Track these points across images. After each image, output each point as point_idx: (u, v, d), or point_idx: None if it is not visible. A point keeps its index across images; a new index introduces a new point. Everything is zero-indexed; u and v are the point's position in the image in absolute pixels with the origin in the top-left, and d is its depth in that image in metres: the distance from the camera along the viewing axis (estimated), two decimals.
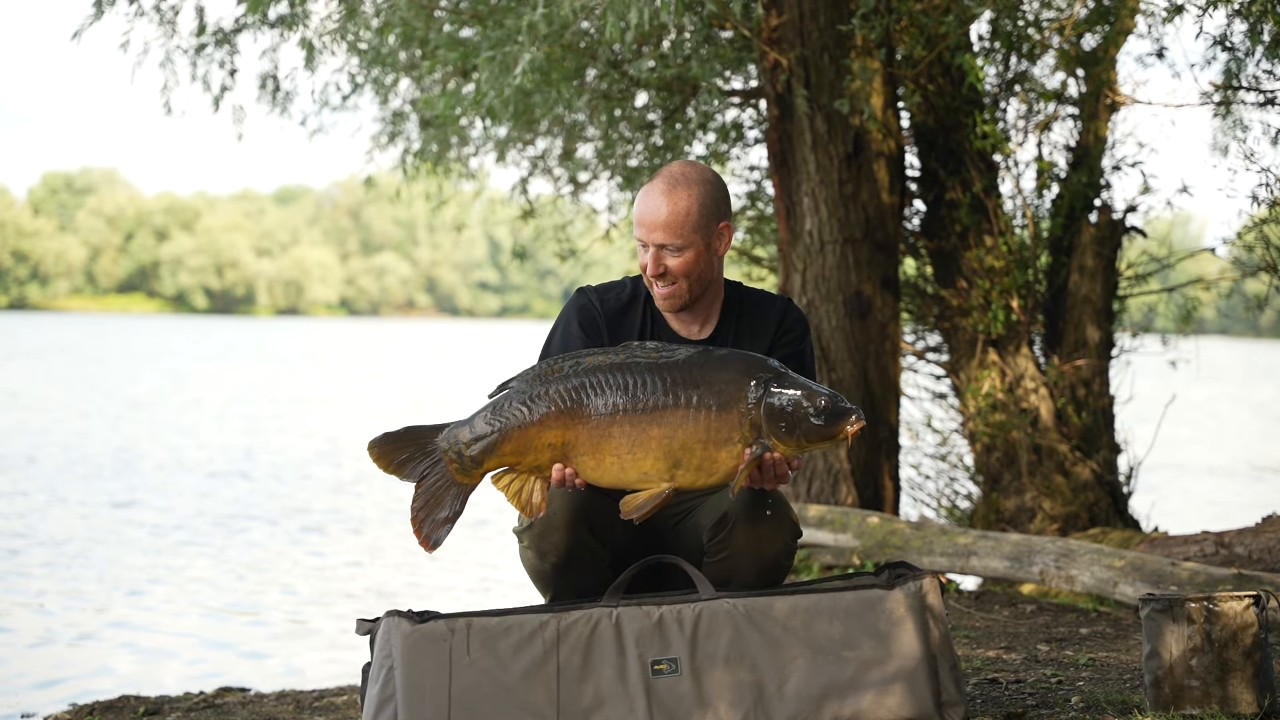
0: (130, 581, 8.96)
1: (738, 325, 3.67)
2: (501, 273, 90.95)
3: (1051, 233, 7.33)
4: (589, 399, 3.26)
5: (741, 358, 3.33)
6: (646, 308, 3.67)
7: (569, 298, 3.73)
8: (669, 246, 3.55)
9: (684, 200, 3.55)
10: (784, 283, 7.25)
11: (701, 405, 3.25)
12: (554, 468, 3.29)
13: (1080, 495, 7.07)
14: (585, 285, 3.71)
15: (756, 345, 3.64)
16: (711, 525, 3.50)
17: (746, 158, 8.74)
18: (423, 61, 7.45)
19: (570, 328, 3.63)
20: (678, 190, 3.56)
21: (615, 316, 3.65)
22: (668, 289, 3.58)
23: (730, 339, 3.65)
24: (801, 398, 3.25)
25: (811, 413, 3.24)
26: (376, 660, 3.31)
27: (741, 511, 3.43)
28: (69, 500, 12.53)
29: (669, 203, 3.55)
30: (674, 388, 3.26)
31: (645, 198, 3.58)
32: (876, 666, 3.30)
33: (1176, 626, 3.53)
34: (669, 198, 3.56)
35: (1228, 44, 6.13)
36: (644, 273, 3.60)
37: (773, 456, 3.27)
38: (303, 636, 7.62)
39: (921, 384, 7.91)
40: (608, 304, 3.66)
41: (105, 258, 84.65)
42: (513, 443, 3.29)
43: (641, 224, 3.57)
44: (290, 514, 12.27)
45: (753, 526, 3.44)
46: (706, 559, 3.51)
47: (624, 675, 3.27)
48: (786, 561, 3.53)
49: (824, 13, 6.95)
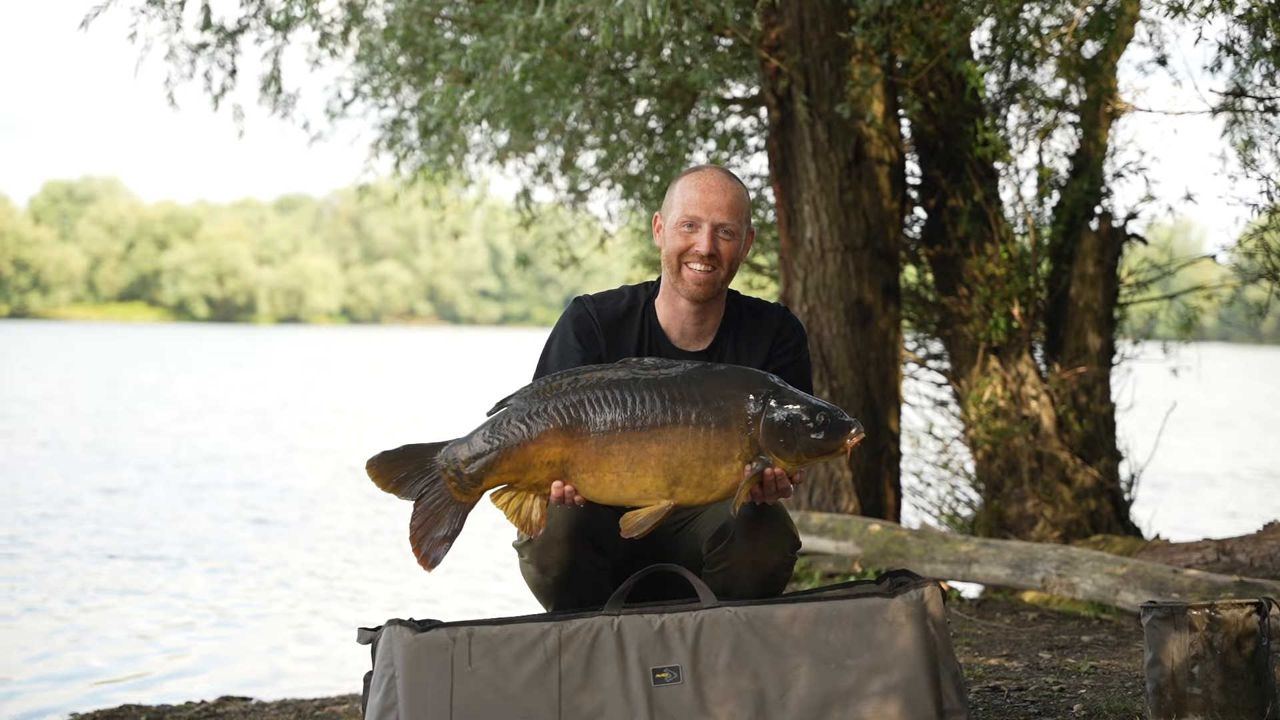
0: (132, 588, 8.95)
1: (736, 336, 3.65)
2: (502, 281, 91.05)
3: (1052, 240, 7.33)
4: (588, 416, 3.25)
5: (740, 373, 3.30)
6: (645, 317, 3.63)
7: (566, 307, 3.71)
8: (725, 228, 3.53)
9: (739, 188, 3.58)
10: (785, 290, 7.25)
11: (701, 422, 3.23)
12: (553, 485, 3.28)
13: (1082, 503, 7.07)
14: (582, 295, 3.68)
15: (754, 355, 3.62)
16: (710, 537, 3.49)
17: (747, 165, 8.75)
18: (425, 66, 7.47)
19: (567, 339, 3.60)
20: (732, 180, 3.58)
21: (612, 327, 3.61)
22: (710, 273, 3.54)
23: (729, 350, 3.63)
24: (801, 413, 3.23)
25: (811, 428, 3.23)
26: (378, 669, 3.31)
27: (740, 524, 3.42)
28: (67, 502, 12.53)
29: (732, 186, 3.55)
30: (673, 404, 3.24)
31: (701, 178, 3.56)
32: (878, 675, 3.29)
33: (1178, 634, 3.52)
34: (727, 183, 3.56)
35: (1234, 50, 6.13)
36: (678, 257, 3.55)
37: (773, 472, 3.25)
38: (304, 645, 7.61)
39: (923, 391, 7.90)
40: (604, 314, 3.62)
41: (106, 266, 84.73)
42: (512, 461, 3.27)
43: (701, 203, 3.53)
44: (295, 520, 12.27)
45: (752, 539, 3.43)
46: (705, 570, 3.50)
47: (625, 684, 3.27)
48: (785, 573, 3.52)
49: (824, 20, 6.95)
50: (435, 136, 8.21)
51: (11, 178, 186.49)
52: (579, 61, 7.05)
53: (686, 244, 3.54)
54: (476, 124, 7.76)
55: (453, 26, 7.37)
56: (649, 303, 3.65)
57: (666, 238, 3.58)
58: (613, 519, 3.48)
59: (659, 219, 3.64)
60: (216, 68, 7.90)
